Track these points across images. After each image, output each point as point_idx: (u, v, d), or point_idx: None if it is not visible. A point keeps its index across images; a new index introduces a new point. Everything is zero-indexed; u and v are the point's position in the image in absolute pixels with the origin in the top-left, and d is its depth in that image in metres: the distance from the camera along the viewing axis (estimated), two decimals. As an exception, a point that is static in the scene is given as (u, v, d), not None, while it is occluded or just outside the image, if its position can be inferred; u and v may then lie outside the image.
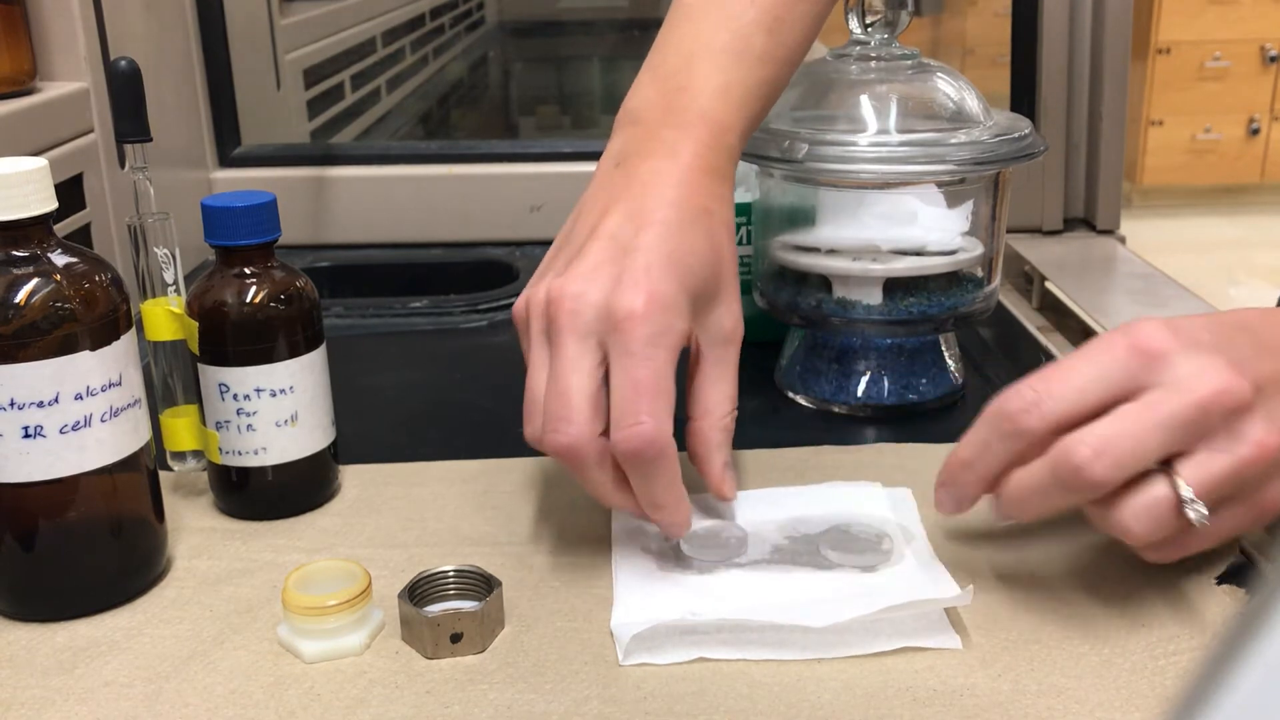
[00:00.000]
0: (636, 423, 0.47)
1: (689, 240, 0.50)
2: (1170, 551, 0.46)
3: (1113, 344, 0.44)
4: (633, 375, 0.47)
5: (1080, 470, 0.42)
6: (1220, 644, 0.16)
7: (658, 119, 0.53)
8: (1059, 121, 1.00)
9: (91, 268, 0.49)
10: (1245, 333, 0.46)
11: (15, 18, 0.78)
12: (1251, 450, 0.43)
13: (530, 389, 0.50)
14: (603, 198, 0.52)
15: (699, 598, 0.49)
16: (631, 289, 0.48)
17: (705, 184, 0.52)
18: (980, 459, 0.46)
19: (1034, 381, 0.45)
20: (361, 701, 0.44)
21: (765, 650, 0.46)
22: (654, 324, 0.47)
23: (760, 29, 0.55)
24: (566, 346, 0.48)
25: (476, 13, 3.32)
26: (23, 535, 0.49)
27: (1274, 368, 0.44)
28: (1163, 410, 0.42)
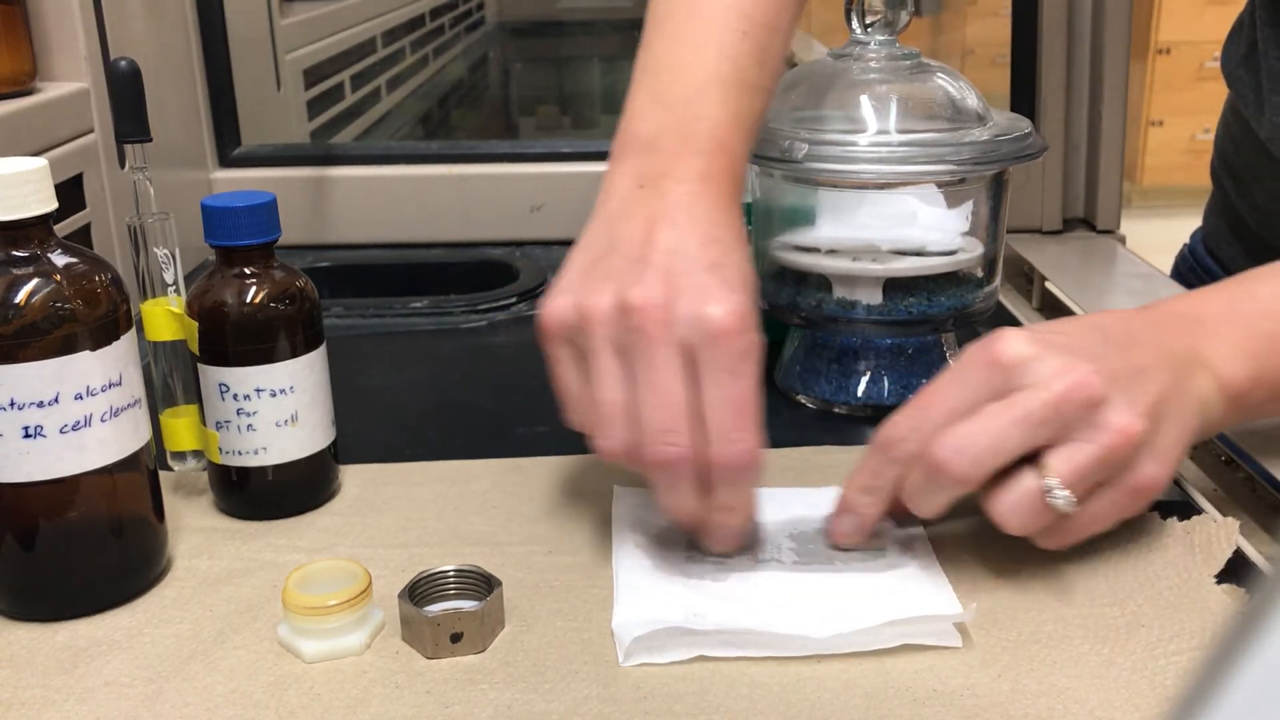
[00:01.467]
0: (739, 440, 0.47)
1: (743, 262, 0.51)
2: (1058, 538, 0.48)
3: (973, 362, 0.48)
4: (730, 391, 0.47)
5: (943, 467, 0.46)
6: (1220, 644, 0.16)
7: (677, 146, 0.53)
8: (1059, 121, 1.00)
9: (91, 268, 0.49)
10: (1097, 331, 0.50)
11: (15, 18, 0.78)
12: (1113, 436, 0.46)
13: (603, 399, 0.48)
14: (640, 213, 0.51)
15: (701, 598, 0.49)
16: (722, 302, 0.48)
17: (733, 212, 0.53)
18: (875, 485, 0.50)
19: (910, 410, 0.49)
20: (361, 701, 0.44)
21: (765, 650, 0.46)
22: (747, 339, 0.48)
23: (753, 61, 0.57)
24: (660, 357, 0.47)
25: (476, 13, 3.32)
26: (23, 535, 0.49)
27: (1125, 361, 0.48)
28: (1019, 408, 0.46)
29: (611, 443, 0.49)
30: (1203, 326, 0.52)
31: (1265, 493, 0.60)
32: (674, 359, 0.47)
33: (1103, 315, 0.52)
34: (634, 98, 0.56)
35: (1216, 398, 0.50)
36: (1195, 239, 0.92)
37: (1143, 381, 0.48)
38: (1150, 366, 0.48)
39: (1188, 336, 0.51)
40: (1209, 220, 0.90)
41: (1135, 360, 0.48)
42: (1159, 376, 0.48)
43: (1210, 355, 0.50)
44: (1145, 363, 0.48)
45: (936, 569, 0.51)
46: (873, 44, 0.67)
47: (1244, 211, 0.83)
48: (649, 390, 0.47)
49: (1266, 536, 0.56)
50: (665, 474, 0.48)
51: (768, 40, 0.57)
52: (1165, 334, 0.51)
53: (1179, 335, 0.51)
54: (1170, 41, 3.83)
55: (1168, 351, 0.49)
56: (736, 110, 0.55)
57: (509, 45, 3.73)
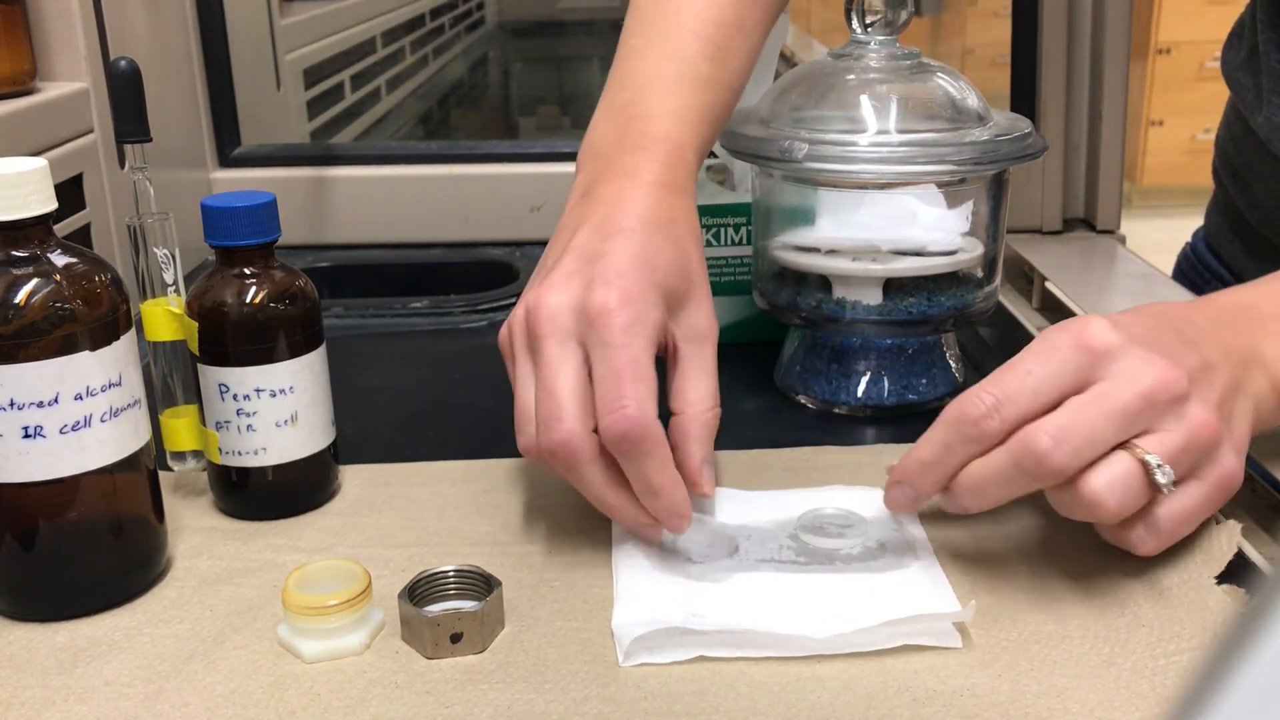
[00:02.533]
0: (620, 407, 0.48)
1: (654, 244, 0.52)
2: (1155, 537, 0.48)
3: (1059, 343, 0.47)
4: (612, 364, 0.48)
5: (1043, 458, 0.45)
6: (1220, 644, 0.16)
7: (617, 149, 0.56)
8: (1059, 121, 1.00)
9: (91, 268, 0.49)
10: (1168, 326, 0.49)
11: (15, 18, 0.78)
12: (1197, 426, 0.46)
13: (520, 401, 0.51)
14: (572, 223, 0.54)
15: (700, 599, 0.49)
16: (603, 287, 0.50)
17: (666, 198, 0.54)
18: (942, 461, 0.48)
19: (991, 386, 0.47)
20: (361, 701, 0.44)
21: (766, 650, 0.46)
22: (627, 313, 0.49)
23: (704, 57, 0.58)
24: (548, 351, 0.49)
25: (476, 13, 3.32)
26: (23, 535, 0.49)
27: (1197, 358, 0.48)
28: (1113, 401, 0.46)
29: (523, 439, 0.50)
30: (1261, 324, 0.52)
31: (1265, 493, 0.60)
32: (562, 351, 0.49)
33: (1168, 307, 0.52)
34: (595, 113, 0.59)
35: (1271, 396, 0.51)
36: (1197, 237, 0.92)
37: (1212, 378, 0.48)
38: (1216, 363, 0.48)
39: (1245, 333, 0.51)
40: (1210, 219, 0.90)
41: (1204, 356, 0.48)
42: (1223, 373, 0.48)
43: (1266, 354, 0.51)
44: (1212, 359, 0.48)
45: (936, 569, 0.51)
46: (873, 44, 0.67)
47: (1244, 209, 0.83)
48: (539, 385, 0.49)
49: (1266, 536, 0.56)
50: (561, 463, 0.49)
51: (724, 37, 0.59)
52: (1225, 330, 0.51)
53: (1238, 332, 0.51)
54: (1170, 41, 3.83)
55: (1229, 348, 0.50)
56: (679, 103, 0.57)
57: (509, 45, 3.73)
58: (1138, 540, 0.48)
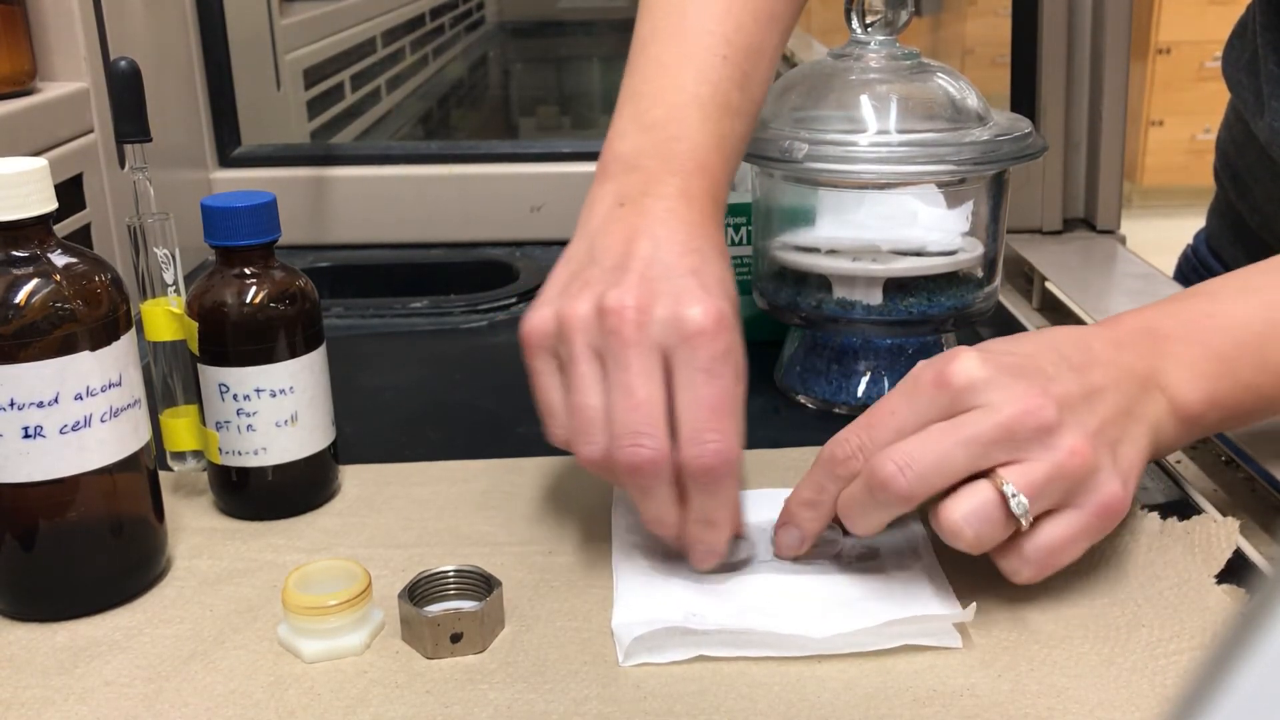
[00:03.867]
0: (712, 440, 0.46)
1: (723, 271, 0.51)
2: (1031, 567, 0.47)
3: (923, 381, 0.47)
4: (703, 392, 0.47)
5: (887, 484, 0.45)
6: (1220, 644, 0.16)
7: (658, 166, 0.54)
8: (1059, 121, 1.00)
9: (91, 268, 0.49)
10: (1052, 351, 0.49)
11: (15, 18, 0.78)
12: (1065, 455, 0.45)
13: (585, 406, 0.48)
14: (620, 229, 0.51)
15: (700, 598, 0.49)
16: (697, 304, 0.47)
17: (712, 228, 0.53)
18: (819, 500, 0.49)
19: (858, 427, 0.48)
20: (361, 701, 0.44)
21: (765, 649, 0.46)
22: (722, 341, 0.47)
23: (734, 85, 0.57)
24: (634, 358, 0.47)
25: (476, 13, 3.32)
26: (23, 535, 0.49)
27: (1078, 385, 0.47)
28: (967, 429, 0.45)
29: (591, 449, 0.48)
30: (1162, 345, 0.50)
31: (1265, 493, 0.60)
32: (648, 361, 0.47)
33: (1059, 333, 0.51)
34: (616, 121, 0.57)
35: (1169, 420, 0.50)
36: (1199, 239, 0.92)
37: (1095, 404, 0.47)
38: (1104, 388, 0.47)
39: (1146, 356, 0.50)
40: (1211, 220, 0.90)
41: (1090, 381, 0.47)
42: (1112, 399, 0.47)
43: (1166, 377, 0.50)
44: (1100, 384, 0.47)
45: (937, 569, 0.51)
46: (873, 44, 0.67)
47: (1244, 212, 0.83)
48: (621, 393, 0.47)
49: (1266, 536, 0.56)
50: (636, 479, 0.47)
51: (749, 64, 0.58)
52: (1123, 353, 0.50)
53: (1137, 355, 0.50)
54: (1170, 41, 3.83)
55: (1124, 372, 0.49)
56: (717, 132, 0.55)
57: (509, 45, 3.73)
58: (1011, 571, 0.47)
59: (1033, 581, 0.47)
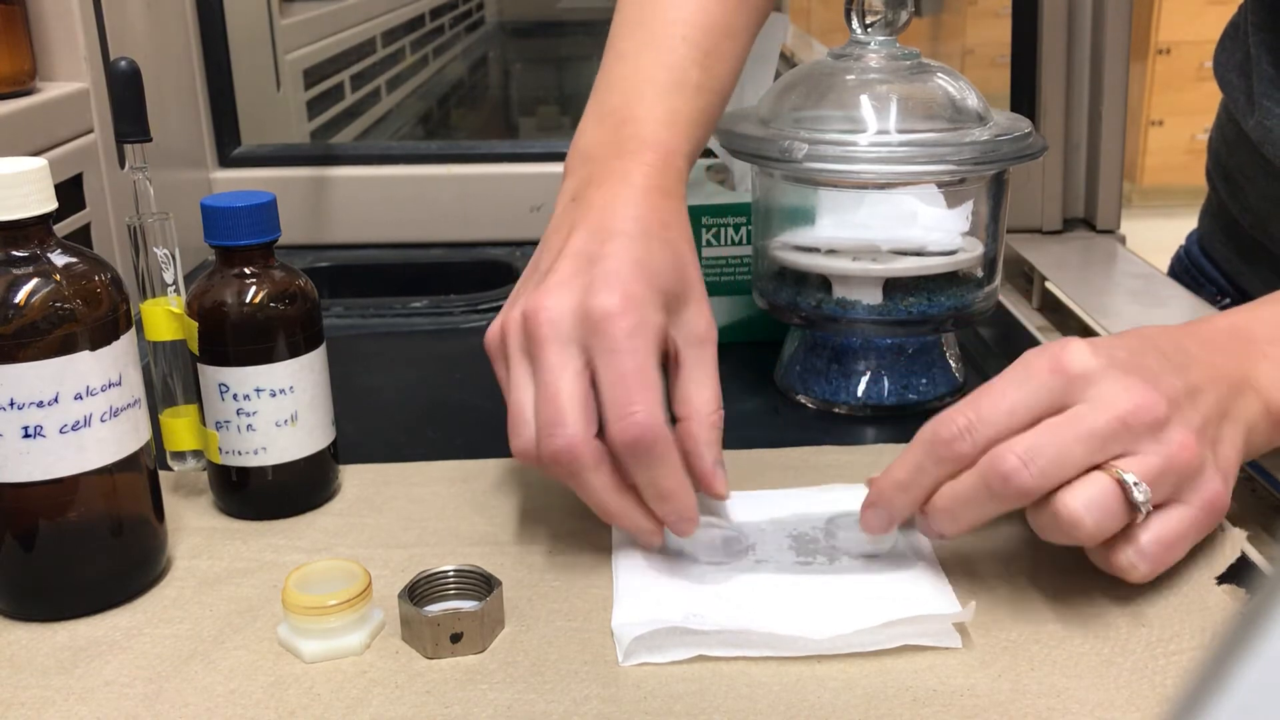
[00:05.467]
0: (630, 413, 0.48)
1: (651, 248, 0.52)
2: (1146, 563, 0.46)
3: (1037, 367, 0.47)
4: (619, 369, 0.48)
5: (1009, 478, 0.45)
6: (1220, 644, 0.16)
7: (608, 153, 0.56)
8: (1059, 121, 1.00)
9: (91, 268, 0.49)
10: (1154, 349, 0.49)
11: (15, 18, 0.78)
12: (1176, 449, 0.45)
13: (516, 404, 0.50)
14: (564, 226, 0.54)
15: (700, 599, 0.49)
16: (605, 291, 0.49)
17: (659, 202, 0.54)
18: (915, 482, 0.48)
19: (965, 408, 0.47)
20: (361, 701, 0.44)
21: (765, 650, 0.46)
22: (631, 318, 0.49)
23: (693, 64, 0.58)
24: (549, 355, 0.49)
25: (476, 13, 3.32)
26: (23, 535, 0.49)
27: (1182, 383, 0.47)
28: (1085, 423, 0.45)
29: (519, 442, 0.50)
30: (1254, 347, 0.51)
31: (1265, 493, 0.60)
32: (564, 356, 0.49)
33: (1156, 332, 0.51)
34: (583, 117, 0.59)
35: (1263, 421, 0.50)
36: (1191, 240, 0.92)
37: (1197, 403, 0.47)
38: (1204, 388, 0.48)
39: (1238, 357, 0.50)
40: (1204, 221, 0.90)
41: (1190, 380, 0.47)
42: (1211, 398, 0.48)
43: (1259, 379, 0.50)
44: (1199, 383, 0.48)
45: (937, 569, 0.51)
46: (873, 44, 0.67)
47: (1236, 213, 0.83)
48: (540, 390, 0.49)
49: (1266, 536, 0.56)
50: (559, 469, 0.49)
51: (712, 42, 0.59)
52: (1218, 354, 0.50)
53: (1230, 356, 0.50)
54: (1170, 41, 3.83)
55: (1220, 373, 0.49)
56: (670, 107, 0.57)
57: (509, 45, 3.73)
58: (1128, 566, 0.47)
59: (1147, 578, 0.47)
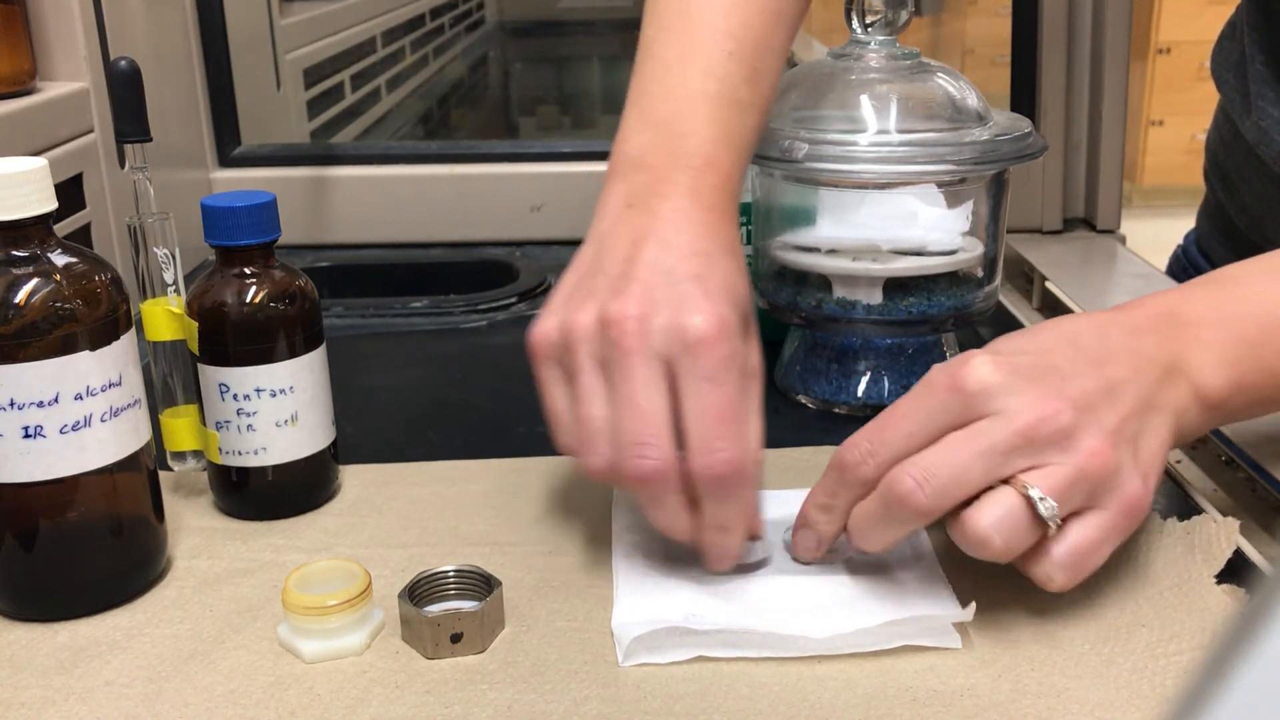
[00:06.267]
0: (721, 450, 0.46)
1: (730, 273, 0.51)
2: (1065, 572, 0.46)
3: (937, 385, 0.47)
4: (711, 400, 0.46)
5: (905, 499, 0.45)
6: (1220, 644, 0.16)
7: (665, 163, 0.53)
8: (1059, 121, 1.00)
9: (91, 268, 0.49)
10: (1068, 344, 0.48)
11: (15, 18, 0.78)
12: (1086, 457, 0.44)
13: (586, 415, 0.48)
14: (627, 232, 0.51)
15: (700, 598, 0.49)
16: (699, 312, 0.47)
17: (724, 226, 0.53)
18: (833, 505, 0.49)
19: (869, 433, 0.47)
20: (361, 701, 0.44)
21: (765, 650, 0.46)
22: (726, 347, 0.47)
23: (742, 80, 0.56)
24: (637, 369, 0.47)
25: (476, 13, 3.32)
26: (23, 535, 0.49)
27: (1095, 381, 0.46)
28: (984, 439, 0.45)
29: (597, 460, 0.48)
30: (1186, 331, 0.49)
31: (1265, 493, 0.60)
32: (651, 371, 0.47)
33: (1076, 321, 0.50)
34: (624, 121, 0.56)
35: (1193, 406, 0.49)
36: (1189, 239, 0.92)
37: (1114, 399, 0.46)
38: (1123, 380, 0.47)
39: (1169, 342, 0.49)
40: (1201, 221, 0.90)
41: (1108, 375, 0.46)
42: (1132, 391, 0.47)
43: (1190, 363, 0.49)
44: (1119, 376, 0.47)
45: (937, 570, 0.51)
46: (873, 44, 0.67)
47: (1233, 213, 0.83)
48: (625, 404, 0.47)
49: (1266, 536, 0.56)
50: (643, 489, 0.47)
51: (757, 59, 0.57)
52: (1145, 340, 0.49)
53: (1159, 341, 0.49)
54: (1170, 41, 3.83)
55: (1144, 360, 0.48)
56: (726, 128, 0.55)
57: (509, 45, 3.73)
58: (1045, 578, 0.46)
59: (1066, 588, 0.46)
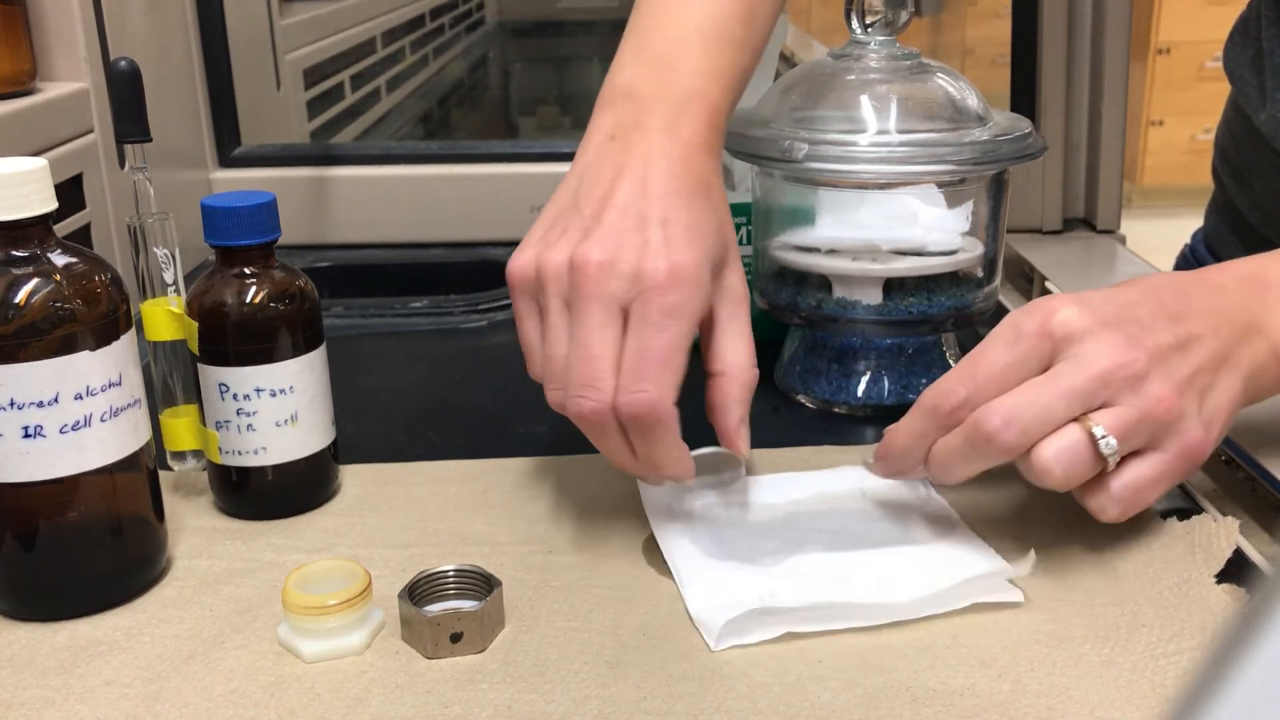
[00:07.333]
0: (640, 389, 0.49)
1: (700, 211, 0.52)
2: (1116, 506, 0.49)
3: (1025, 330, 0.49)
4: (646, 342, 0.49)
5: (992, 438, 0.48)
6: (1220, 644, 0.16)
7: (651, 95, 0.55)
8: (1059, 121, 0.99)
9: (91, 268, 0.49)
10: (1150, 299, 0.50)
11: (15, 18, 0.78)
12: (1153, 402, 0.48)
13: (550, 353, 0.51)
14: (606, 168, 0.54)
15: (765, 580, 0.50)
16: (657, 258, 0.50)
17: (703, 159, 0.54)
18: (918, 446, 0.51)
19: (962, 377, 0.50)
20: (361, 701, 0.44)
21: (850, 620, 0.47)
22: (676, 294, 0.49)
23: (737, 20, 0.58)
24: (592, 314, 0.50)
25: (476, 13, 3.32)
26: (23, 535, 0.49)
27: (1172, 334, 0.49)
28: (1065, 382, 0.48)
29: (555, 394, 0.51)
30: (1269, 292, 0.52)
31: (1265, 493, 0.60)
32: (606, 316, 0.50)
33: (1161, 279, 0.52)
34: (620, 52, 0.58)
35: (1272, 364, 0.51)
36: (1196, 239, 0.92)
37: (1188, 353, 0.49)
38: (1199, 336, 0.49)
39: (1251, 303, 0.51)
40: (1210, 219, 0.90)
41: (1185, 329, 0.49)
42: (1206, 346, 0.49)
43: (1270, 323, 0.51)
44: (1195, 331, 0.49)
45: (974, 536, 0.53)
46: (873, 44, 0.67)
47: (1245, 209, 0.83)
48: (577, 346, 0.50)
49: (1266, 536, 0.56)
50: (584, 426, 0.50)
51: (754, 2, 0.59)
52: (1225, 299, 0.51)
53: (1241, 300, 0.51)
54: (1170, 41, 3.83)
55: (1224, 318, 0.50)
56: (717, 62, 0.57)
57: (509, 45, 3.73)
58: (1099, 508, 0.49)
59: (1119, 519, 0.49)
